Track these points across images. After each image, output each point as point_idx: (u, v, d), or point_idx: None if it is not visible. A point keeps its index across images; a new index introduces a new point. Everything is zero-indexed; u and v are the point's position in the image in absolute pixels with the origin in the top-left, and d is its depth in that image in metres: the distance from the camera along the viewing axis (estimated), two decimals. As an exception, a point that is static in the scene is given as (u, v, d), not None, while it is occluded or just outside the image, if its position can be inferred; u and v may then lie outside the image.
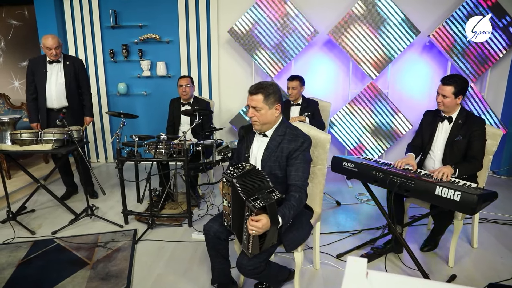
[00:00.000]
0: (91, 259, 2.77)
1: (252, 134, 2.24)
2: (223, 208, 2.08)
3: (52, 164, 5.07)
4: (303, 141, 2.06)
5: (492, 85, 4.66)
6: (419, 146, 2.85)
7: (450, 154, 2.62)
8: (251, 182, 1.86)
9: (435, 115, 2.76)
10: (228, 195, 1.98)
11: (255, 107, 2.05)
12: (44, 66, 3.67)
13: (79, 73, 3.81)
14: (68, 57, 3.81)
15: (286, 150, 2.06)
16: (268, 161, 2.10)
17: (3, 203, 3.73)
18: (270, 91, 2.03)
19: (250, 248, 1.83)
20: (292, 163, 2.05)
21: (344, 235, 3.13)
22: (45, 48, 3.57)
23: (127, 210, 3.36)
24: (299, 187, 2.01)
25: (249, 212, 1.76)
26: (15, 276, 2.55)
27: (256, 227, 1.71)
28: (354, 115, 4.72)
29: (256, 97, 2.04)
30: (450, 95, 2.54)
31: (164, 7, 4.95)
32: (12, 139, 3.27)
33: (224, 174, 1.96)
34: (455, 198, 2.04)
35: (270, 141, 2.12)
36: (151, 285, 2.46)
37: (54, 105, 3.72)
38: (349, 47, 4.54)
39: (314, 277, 2.53)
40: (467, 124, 2.58)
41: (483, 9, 4.24)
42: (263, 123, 2.09)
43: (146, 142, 3.29)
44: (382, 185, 2.41)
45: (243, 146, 2.27)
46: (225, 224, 2.09)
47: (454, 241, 2.60)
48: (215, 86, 5.13)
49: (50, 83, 3.68)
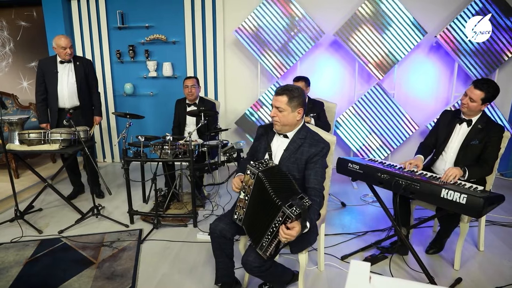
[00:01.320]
0: (96, 259, 2.79)
1: (272, 133, 2.27)
2: (238, 201, 2.06)
3: (59, 163, 5.12)
4: (323, 146, 2.12)
5: (500, 86, 4.59)
6: (431, 146, 2.81)
7: (463, 157, 2.58)
8: (279, 182, 1.88)
9: (454, 116, 2.70)
10: (248, 188, 1.98)
11: (279, 107, 2.09)
12: (55, 66, 3.71)
13: (88, 73, 3.86)
14: (78, 58, 3.85)
15: (306, 154, 2.10)
16: (287, 162, 2.13)
17: (11, 202, 3.78)
18: (295, 94, 2.07)
19: (270, 251, 1.85)
20: (311, 167, 2.09)
21: (349, 236, 3.12)
22: (60, 47, 3.61)
23: (132, 210, 3.39)
24: (318, 191, 2.05)
25: (282, 218, 1.75)
26: (22, 274, 2.58)
27: (291, 235, 1.74)
28: (360, 116, 4.70)
29: (281, 98, 2.08)
30: (478, 100, 2.48)
31: (171, 8, 4.98)
32: (20, 139, 3.31)
33: (250, 167, 1.96)
34: (461, 201, 2.03)
35: (290, 143, 2.16)
36: (156, 285, 2.47)
37: (66, 104, 3.76)
38: (355, 48, 4.53)
39: (319, 279, 2.53)
40: (485, 129, 2.52)
41: (491, 9, 4.20)
42: (283, 124, 2.13)
43: (152, 143, 3.32)
44: (388, 187, 2.40)
45: (260, 144, 2.30)
46: (235, 218, 2.07)
47: (460, 244, 2.58)
48: (221, 86, 5.15)
49: (61, 83, 3.72)
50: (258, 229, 1.90)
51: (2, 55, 5.68)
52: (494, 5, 4.19)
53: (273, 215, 1.80)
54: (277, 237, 1.80)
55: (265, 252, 1.87)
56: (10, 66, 5.72)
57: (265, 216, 1.84)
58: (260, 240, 1.88)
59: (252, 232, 1.97)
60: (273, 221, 1.80)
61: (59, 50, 3.64)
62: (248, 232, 2.01)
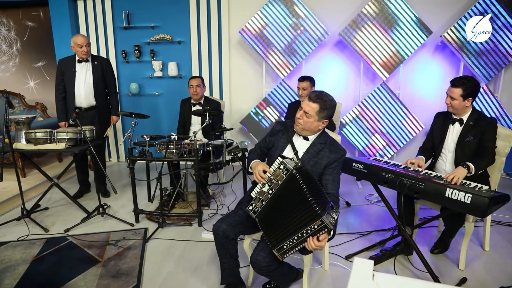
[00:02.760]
0: (102, 257, 2.82)
1: (292, 131, 2.27)
2: (259, 193, 2.00)
3: (65, 163, 5.17)
4: (342, 154, 2.18)
5: (506, 86, 4.59)
6: (430, 149, 2.83)
7: (461, 155, 2.61)
8: (312, 185, 1.85)
9: (446, 117, 2.74)
10: (276, 183, 1.93)
11: (307, 112, 2.09)
12: (73, 65, 3.77)
13: (106, 73, 3.91)
14: (96, 57, 3.91)
15: (326, 159, 2.14)
16: (306, 164, 2.14)
17: (17, 201, 3.83)
18: (327, 106, 2.08)
19: (288, 254, 1.85)
20: (330, 172, 2.13)
21: (353, 236, 3.12)
22: (77, 45, 3.67)
23: (138, 209, 3.41)
24: (336, 197, 2.09)
25: (318, 227, 1.73)
26: (29, 272, 2.61)
27: (320, 247, 1.76)
28: (365, 115, 4.69)
29: (312, 104, 2.08)
30: (458, 97, 2.52)
31: (176, 8, 5.00)
32: (27, 138, 3.35)
33: (283, 161, 1.93)
34: (465, 200, 2.02)
35: (311, 146, 2.19)
36: (161, 283, 2.49)
37: (83, 104, 3.81)
38: (360, 47, 4.52)
39: (323, 278, 2.53)
40: (478, 125, 2.56)
41: (496, 9, 4.17)
42: (304, 128, 2.15)
43: (157, 142, 3.34)
44: (392, 187, 2.40)
45: (278, 141, 2.29)
46: (250, 209, 2.02)
47: (465, 244, 2.57)
48: (226, 86, 5.16)
49: (79, 82, 3.78)
50: (281, 230, 1.86)
51: (9, 55, 5.74)
52: (499, 5, 4.16)
53: (306, 221, 1.76)
54: (302, 243, 1.77)
55: (283, 255, 1.85)
56: (17, 66, 5.77)
57: (294, 219, 1.80)
58: (281, 242, 1.84)
59: (270, 231, 1.92)
60: (304, 227, 1.76)
61: (76, 48, 3.69)
62: (266, 229, 1.96)
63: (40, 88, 5.82)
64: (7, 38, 5.68)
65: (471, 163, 2.39)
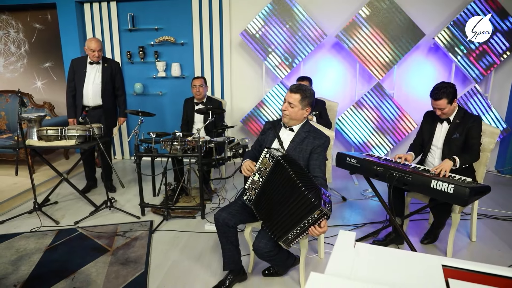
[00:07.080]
0: (111, 246, 2.99)
1: (279, 126, 2.52)
2: (251, 182, 2.23)
3: (72, 160, 5.34)
4: (325, 139, 2.41)
5: (496, 86, 4.76)
6: (419, 145, 3.02)
7: (448, 151, 2.78)
8: (297, 169, 2.04)
9: (435, 116, 2.91)
10: (264, 170, 2.15)
11: (291, 103, 2.34)
12: (84, 66, 3.96)
13: (115, 75, 4.09)
14: (107, 60, 4.09)
15: (311, 145, 2.37)
16: (292, 152, 2.38)
17: (28, 195, 3.99)
18: (307, 94, 2.35)
19: (293, 243, 2.00)
20: (315, 158, 2.35)
21: (348, 227, 3.30)
22: (89, 49, 3.86)
23: (144, 202, 3.57)
24: (324, 179, 2.31)
25: (318, 216, 1.86)
26: (43, 260, 2.79)
27: (323, 232, 1.94)
28: (361, 114, 4.86)
29: (294, 95, 2.34)
30: (446, 105, 2.70)
31: (179, 11, 5.17)
32: (38, 135, 3.52)
33: (268, 150, 2.19)
34: (448, 190, 2.20)
35: (296, 135, 2.43)
36: (167, 270, 2.66)
37: (90, 103, 3.99)
38: (356, 49, 4.69)
39: (319, 266, 2.70)
40: (463, 122, 2.74)
41: (487, 12, 4.34)
42: (291, 118, 2.39)
43: (162, 139, 3.50)
44: (382, 179, 2.58)
45: (267, 137, 2.55)
46: (245, 198, 2.25)
47: (452, 234, 2.75)
48: (227, 86, 5.33)
49: (88, 82, 3.97)
50: (281, 221, 2.01)
51: (18, 56, 5.92)
52: (489, 8, 4.33)
53: (305, 211, 1.89)
54: (305, 231, 1.92)
55: (288, 244, 2.02)
56: (25, 67, 5.95)
57: (290, 206, 1.95)
58: (285, 234, 1.99)
59: (269, 221, 2.09)
60: (306, 218, 1.89)
61: (88, 52, 3.89)
62: (264, 219, 2.13)
63: (47, 88, 5.99)
64: (15, 39, 5.86)
65: (458, 157, 2.58)
